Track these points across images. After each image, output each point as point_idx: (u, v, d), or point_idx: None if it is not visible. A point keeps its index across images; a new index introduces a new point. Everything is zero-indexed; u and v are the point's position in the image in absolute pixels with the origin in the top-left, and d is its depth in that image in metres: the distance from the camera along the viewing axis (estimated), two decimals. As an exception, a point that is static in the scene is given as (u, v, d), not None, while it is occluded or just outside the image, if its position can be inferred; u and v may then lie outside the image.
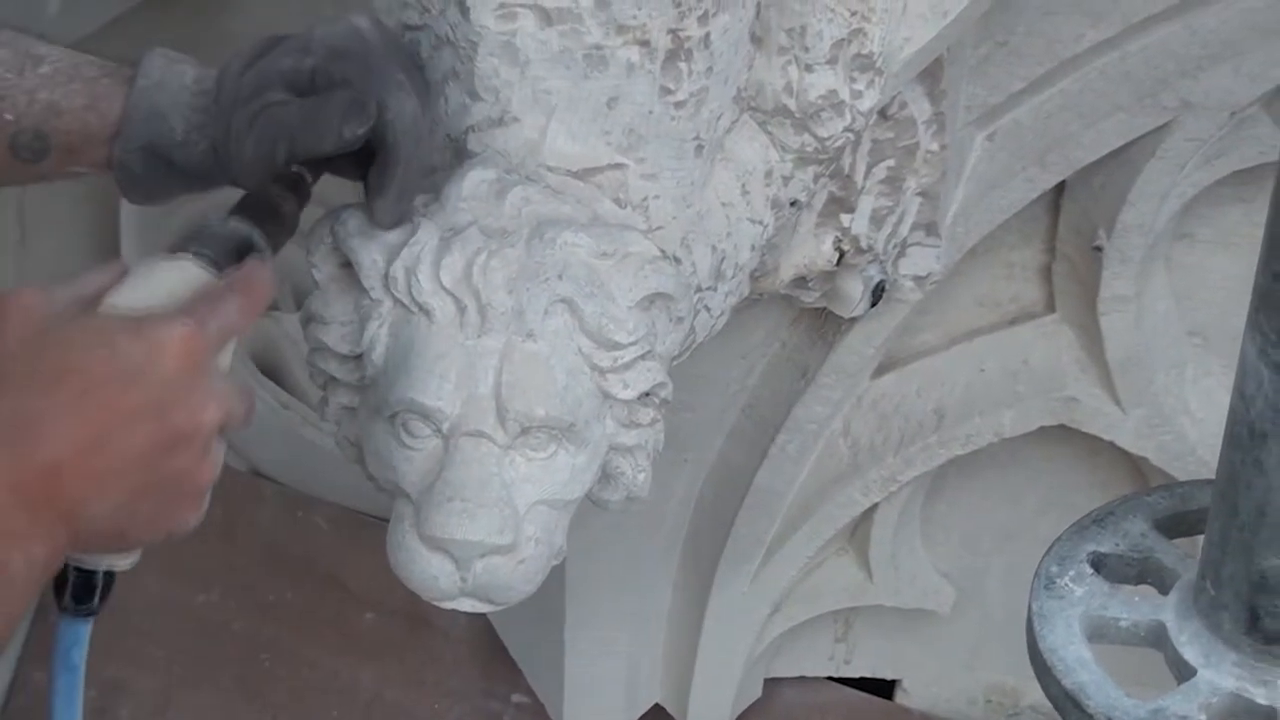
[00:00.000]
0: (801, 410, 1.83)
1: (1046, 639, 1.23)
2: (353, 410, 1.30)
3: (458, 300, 1.21)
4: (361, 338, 1.25)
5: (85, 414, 1.01)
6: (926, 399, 1.92)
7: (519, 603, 1.26)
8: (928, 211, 1.59)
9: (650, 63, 1.28)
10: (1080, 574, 1.27)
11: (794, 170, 1.41)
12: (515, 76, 1.27)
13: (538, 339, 1.21)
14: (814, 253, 1.55)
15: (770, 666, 2.22)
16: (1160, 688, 1.22)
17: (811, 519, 1.98)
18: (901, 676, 2.27)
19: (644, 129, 1.30)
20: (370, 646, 2.35)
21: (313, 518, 2.42)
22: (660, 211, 1.32)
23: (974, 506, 2.11)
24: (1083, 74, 1.61)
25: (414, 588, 1.25)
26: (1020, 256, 1.88)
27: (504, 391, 1.21)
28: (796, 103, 1.37)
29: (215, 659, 2.38)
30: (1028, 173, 1.69)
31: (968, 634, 2.20)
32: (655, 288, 1.24)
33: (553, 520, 1.24)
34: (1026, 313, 1.90)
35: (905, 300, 1.68)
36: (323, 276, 1.27)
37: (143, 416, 1.02)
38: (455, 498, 1.21)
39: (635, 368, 1.25)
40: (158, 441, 1.04)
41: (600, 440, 1.26)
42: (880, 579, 2.10)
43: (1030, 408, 1.90)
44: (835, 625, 2.21)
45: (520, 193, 1.25)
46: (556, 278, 1.21)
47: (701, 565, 2.03)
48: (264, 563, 2.41)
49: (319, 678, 2.35)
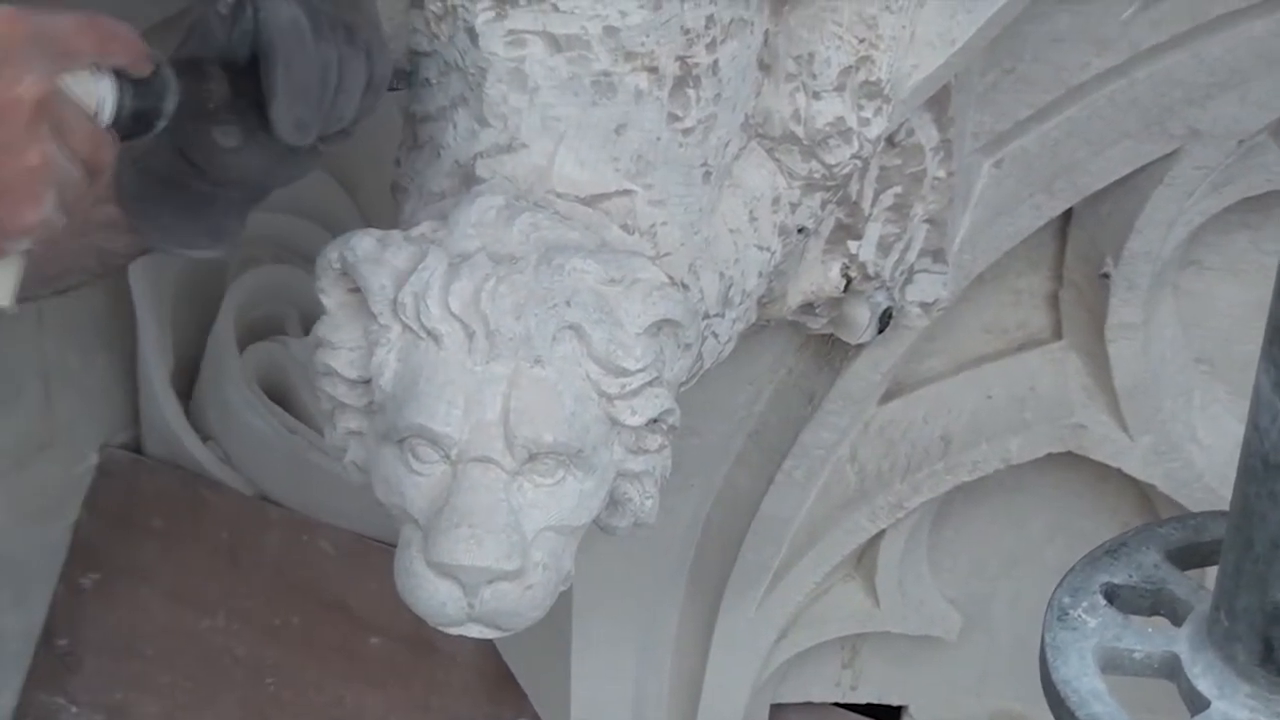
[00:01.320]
0: (808, 436, 1.83)
1: (1060, 670, 1.23)
2: (361, 435, 1.30)
3: (466, 326, 1.21)
4: (370, 363, 1.25)
5: None
6: (934, 425, 1.92)
7: (525, 629, 1.26)
8: (935, 238, 1.60)
9: (658, 90, 1.28)
10: (1093, 605, 1.27)
11: (801, 197, 1.42)
12: (524, 103, 1.27)
13: (546, 365, 1.21)
14: (821, 279, 1.55)
15: (777, 692, 2.22)
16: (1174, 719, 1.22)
17: (818, 545, 1.98)
18: (908, 702, 2.27)
19: (652, 155, 1.30)
20: (376, 671, 2.35)
21: (318, 542, 2.42)
22: (668, 238, 1.33)
23: (981, 533, 2.11)
24: (1090, 101, 1.61)
25: (421, 613, 1.24)
26: (1027, 283, 1.88)
27: (512, 418, 1.21)
28: (804, 130, 1.37)
29: (220, 684, 2.38)
30: (1035, 200, 1.69)
31: (974, 660, 2.20)
32: (663, 314, 1.24)
33: (560, 546, 1.24)
34: (1034, 339, 1.90)
35: (912, 327, 1.68)
36: (331, 302, 1.27)
37: None
38: (463, 524, 1.21)
39: (643, 394, 1.25)
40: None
41: (608, 466, 1.26)
42: (887, 605, 2.10)
43: (1037, 434, 1.90)
44: (842, 651, 2.21)
45: (528, 219, 1.25)
46: (565, 304, 1.21)
47: (708, 590, 2.03)
48: (269, 587, 2.41)
49: (324, 702, 2.35)
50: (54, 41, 1.10)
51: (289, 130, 1.23)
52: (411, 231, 1.27)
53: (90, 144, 1.12)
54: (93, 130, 1.13)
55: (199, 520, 2.46)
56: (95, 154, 1.13)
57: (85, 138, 1.12)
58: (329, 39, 1.23)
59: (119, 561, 2.44)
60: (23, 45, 1.07)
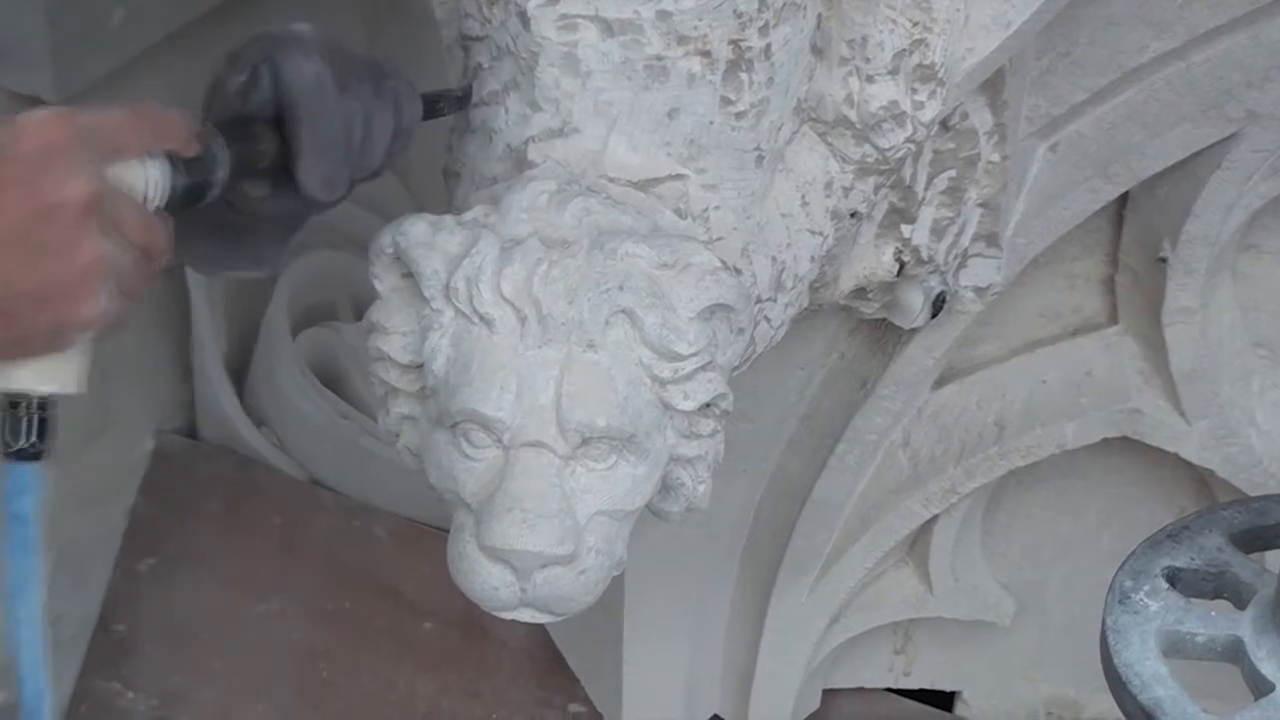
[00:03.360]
0: (861, 421, 1.82)
1: (1122, 654, 1.23)
2: (413, 420, 1.30)
3: (518, 311, 1.21)
4: (423, 348, 1.25)
5: None
6: (987, 410, 1.91)
7: (577, 613, 1.26)
8: (989, 222, 1.59)
9: (711, 73, 1.28)
10: (1155, 588, 1.26)
11: (854, 181, 1.41)
12: (576, 87, 1.27)
13: (598, 350, 1.21)
14: (874, 264, 1.55)
15: (829, 677, 2.22)
16: (1237, 703, 1.21)
17: (871, 530, 1.98)
18: (961, 688, 2.26)
19: (705, 140, 1.30)
20: (428, 656, 2.35)
21: (371, 527, 2.43)
22: (721, 222, 1.32)
23: (1035, 518, 2.10)
24: (1147, 85, 1.60)
25: (474, 598, 1.25)
26: (1082, 268, 1.87)
27: (564, 402, 1.21)
28: (857, 114, 1.37)
29: (274, 669, 2.39)
30: (1090, 184, 1.68)
31: (1028, 645, 2.19)
32: (716, 298, 1.24)
33: (613, 531, 1.24)
34: (1089, 324, 1.89)
35: (966, 311, 1.68)
36: (384, 287, 1.27)
37: (7, 186, 1.06)
38: (516, 508, 1.21)
39: (696, 379, 1.24)
40: (26, 211, 1.07)
41: (661, 451, 1.26)
42: (940, 590, 2.09)
43: (1093, 419, 1.89)
44: (894, 636, 2.20)
45: (581, 203, 1.25)
46: (617, 288, 1.21)
47: (760, 576, 2.03)
48: (322, 573, 2.42)
49: (377, 687, 2.36)
50: (101, 138, 1.11)
51: (317, 188, 1.24)
52: (464, 216, 1.27)
53: (144, 231, 1.13)
54: (145, 218, 1.14)
55: (252, 505, 2.47)
56: (150, 240, 1.14)
57: (138, 226, 1.12)
58: (354, 90, 1.24)
59: (174, 546, 2.46)
60: (69, 146, 1.08)
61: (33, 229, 1.07)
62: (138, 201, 1.13)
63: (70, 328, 1.11)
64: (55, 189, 1.07)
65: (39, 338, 1.11)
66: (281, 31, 1.25)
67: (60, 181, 1.07)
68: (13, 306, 1.08)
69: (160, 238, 1.14)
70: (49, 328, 1.11)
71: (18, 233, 1.07)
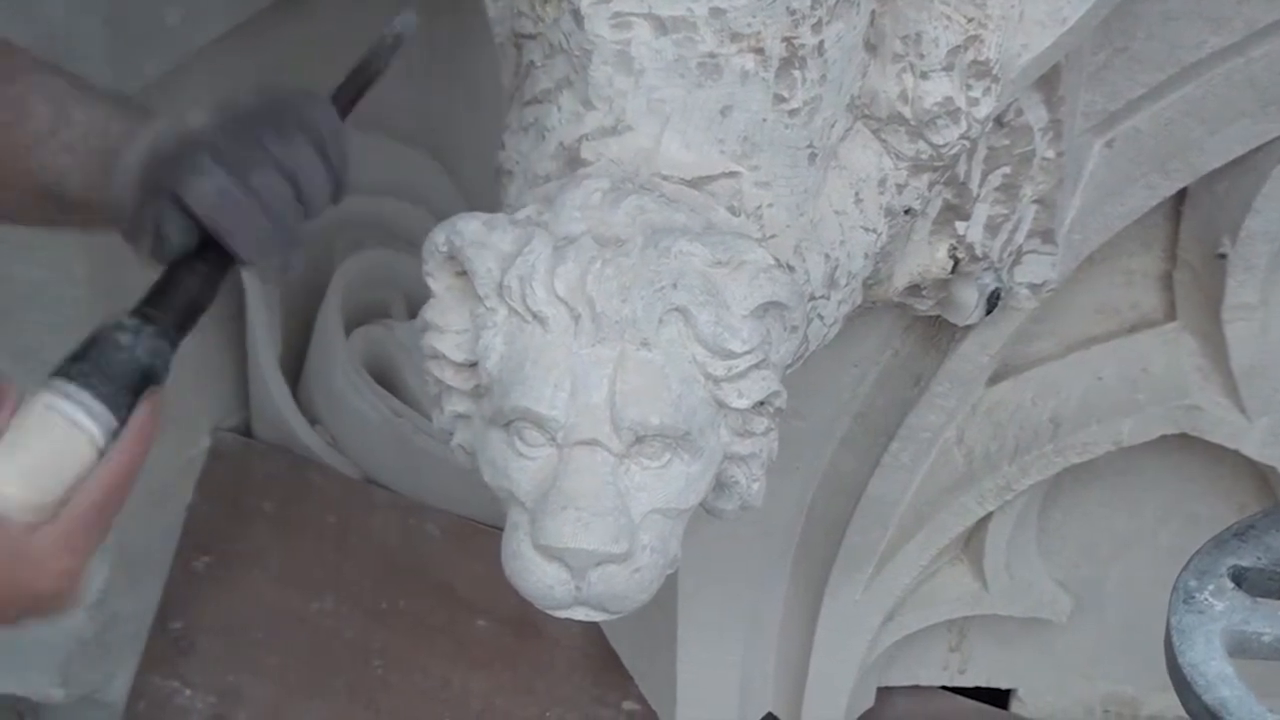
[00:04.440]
0: (915, 418, 1.81)
1: (1186, 654, 1.22)
2: (467, 418, 1.30)
3: (572, 309, 1.21)
4: (476, 346, 1.25)
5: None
6: (1042, 407, 1.90)
7: (631, 612, 1.26)
8: (1044, 219, 1.58)
9: (764, 71, 1.27)
10: (1220, 588, 1.25)
11: (908, 178, 1.40)
12: (629, 85, 1.27)
13: (652, 348, 1.21)
14: (928, 260, 1.54)
15: (884, 675, 2.21)
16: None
17: (925, 528, 1.97)
18: (1017, 686, 2.26)
19: (758, 137, 1.29)
20: (482, 654, 2.36)
21: (425, 525, 2.43)
22: (774, 220, 1.32)
23: (1091, 515, 2.09)
24: (1205, 80, 1.59)
25: (529, 596, 1.25)
26: (1139, 264, 1.86)
27: (618, 400, 1.20)
28: (911, 110, 1.36)
29: (328, 666, 2.40)
30: (1148, 180, 1.67)
31: (1085, 643, 2.18)
32: (770, 296, 1.23)
33: (668, 529, 1.24)
34: (1146, 320, 1.88)
35: (1020, 308, 1.67)
36: (438, 286, 1.27)
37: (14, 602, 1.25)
38: (570, 506, 1.20)
39: (750, 376, 1.24)
40: (22, 608, 1.26)
41: (715, 449, 1.26)
42: (995, 588, 2.09)
43: (1150, 416, 1.88)
44: (949, 634, 2.19)
45: (634, 201, 1.25)
46: (671, 286, 1.21)
47: (814, 573, 2.02)
48: (376, 570, 2.43)
49: (431, 685, 2.37)
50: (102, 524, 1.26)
51: (270, 269, 1.29)
52: (517, 215, 1.27)
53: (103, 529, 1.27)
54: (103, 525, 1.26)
55: (307, 504, 2.48)
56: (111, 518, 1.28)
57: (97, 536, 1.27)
58: (262, 159, 1.26)
59: (230, 544, 2.47)
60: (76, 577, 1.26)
61: (20, 611, 1.26)
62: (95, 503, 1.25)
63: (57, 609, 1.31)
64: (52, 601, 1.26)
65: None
66: (167, 150, 1.28)
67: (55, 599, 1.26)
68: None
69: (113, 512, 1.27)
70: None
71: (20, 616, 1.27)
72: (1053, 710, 2.24)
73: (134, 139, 1.33)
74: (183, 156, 1.27)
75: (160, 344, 1.27)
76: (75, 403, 1.23)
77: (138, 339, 1.25)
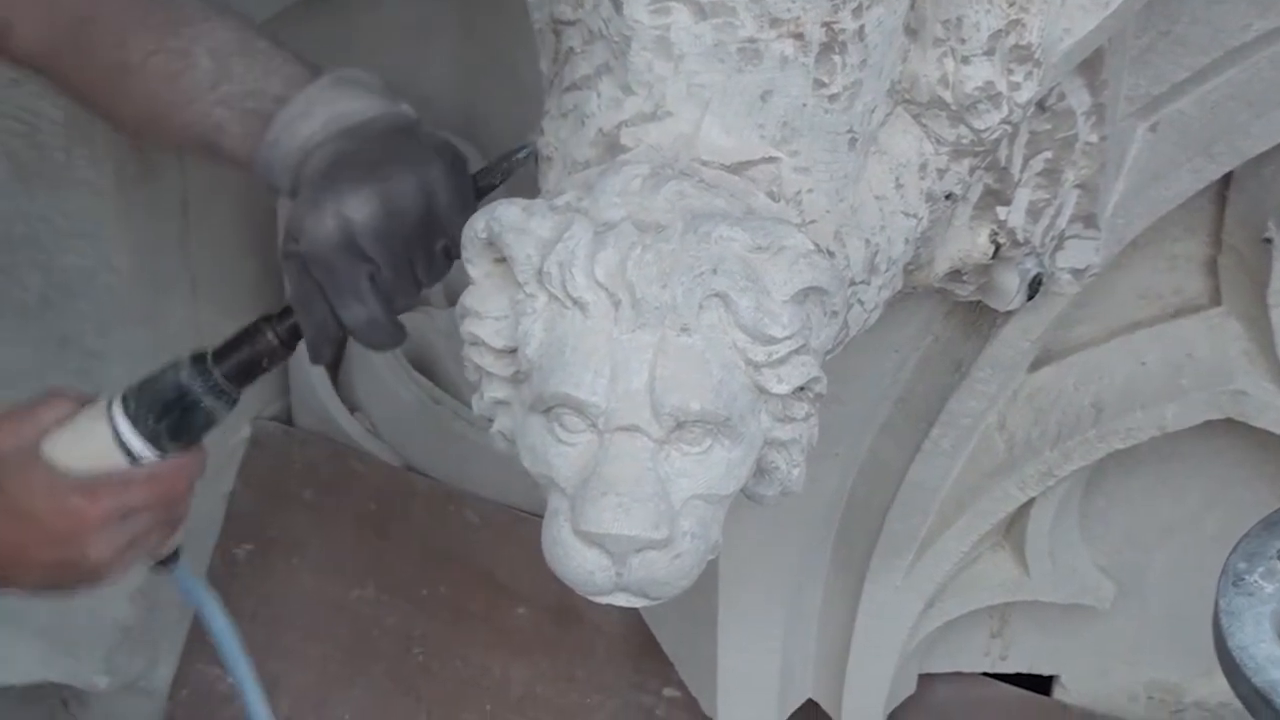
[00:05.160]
0: (956, 404, 1.81)
1: (1235, 636, 1.21)
2: (507, 404, 1.30)
3: (612, 295, 1.21)
4: (516, 332, 1.25)
5: (8, 527, 1.41)
6: (1084, 393, 1.89)
7: (672, 598, 1.26)
8: (1086, 204, 1.57)
9: (804, 56, 1.27)
10: (1270, 570, 1.24)
11: (949, 163, 1.40)
12: (669, 71, 1.27)
13: (692, 333, 1.21)
14: (969, 246, 1.53)
15: (924, 662, 2.21)
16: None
17: (966, 514, 1.96)
18: (1059, 672, 2.25)
19: (798, 122, 1.29)
20: (522, 641, 2.36)
21: (465, 513, 2.43)
22: (814, 205, 1.31)
23: (1135, 501, 2.08)
24: (1251, 63, 1.57)
25: (569, 583, 1.25)
26: (1184, 248, 1.85)
27: (658, 386, 1.20)
28: (952, 95, 1.35)
29: (369, 654, 2.40)
30: (1193, 164, 1.66)
31: (1128, 629, 2.17)
32: (810, 281, 1.23)
33: (708, 515, 1.24)
34: (1190, 305, 1.87)
35: (1063, 293, 1.66)
36: (477, 272, 1.27)
37: (40, 543, 1.41)
38: (610, 492, 1.20)
39: (790, 362, 1.24)
40: (53, 560, 1.42)
41: (755, 435, 1.25)
42: (1037, 574, 2.08)
43: (1195, 401, 1.87)
44: (991, 620, 2.19)
45: (674, 187, 1.24)
46: (711, 272, 1.20)
47: (854, 560, 2.02)
48: (417, 558, 2.43)
49: (471, 672, 2.37)
50: (126, 508, 1.43)
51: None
52: (556, 200, 1.27)
53: (158, 516, 1.47)
54: (152, 509, 1.46)
55: (347, 491, 2.48)
56: (165, 516, 1.48)
57: (151, 524, 1.46)
58: (414, 292, 1.41)
59: (271, 532, 2.48)
60: (93, 525, 1.42)
61: (59, 574, 1.44)
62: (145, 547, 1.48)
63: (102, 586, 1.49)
64: (78, 553, 1.42)
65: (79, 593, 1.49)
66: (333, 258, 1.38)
67: (82, 551, 1.41)
68: (51, 590, 1.48)
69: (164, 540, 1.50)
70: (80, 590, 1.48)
71: (48, 573, 1.44)
72: (1096, 697, 2.24)
73: (292, 108, 1.41)
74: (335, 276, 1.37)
75: (218, 403, 1.43)
76: (126, 425, 1.43)
77: (201, 387, 1.43)
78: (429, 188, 1.37)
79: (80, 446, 1.44)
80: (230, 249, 2.40)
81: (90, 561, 1.43)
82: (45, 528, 1.41)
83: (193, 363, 1.44)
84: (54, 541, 1.41)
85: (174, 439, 1.44)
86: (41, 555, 1.42)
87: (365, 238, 1.36)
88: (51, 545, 1.42)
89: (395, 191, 1.36)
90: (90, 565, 1.43)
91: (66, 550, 1.42)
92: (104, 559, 1.43)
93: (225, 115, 1.42)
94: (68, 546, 1.42)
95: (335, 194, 1.35)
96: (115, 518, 1.42)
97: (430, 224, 1.38)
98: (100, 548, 1.42)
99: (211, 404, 1.44)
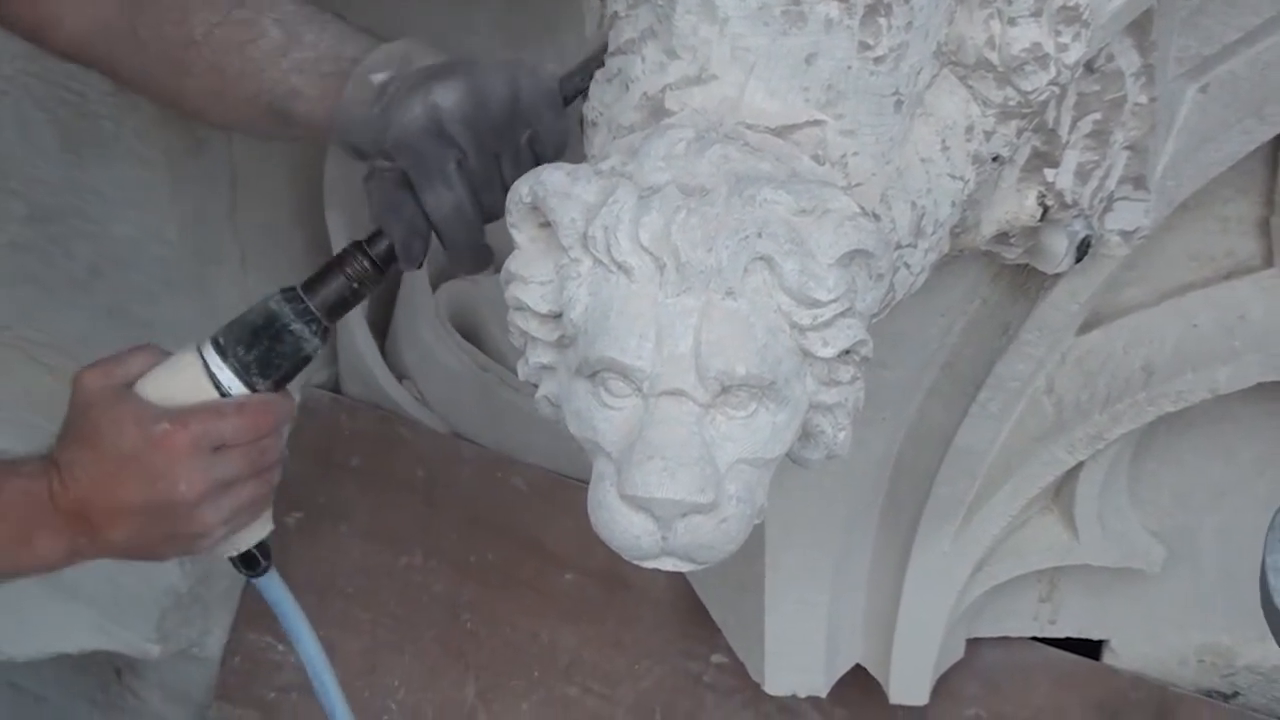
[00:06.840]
0: (1003, 368, 1.80)
1: (1281, 593, 1.21)
2: (552, 369, 1.30)
3: (656, 259, 1.20)
4: (561, 297, 1.25)
5: (101, 469, 1.40)
6: (1134, 355, 1.88)
7: (719, 563, 1.26)
8: (1136, 165, 1.56)
9: (849, 18, 1.26)
10: (1318, 528, 1.24)
11: (996, 125, 1.39)
12: (714, 34, 1.26)
13: (737, 297, 1.20)
14: (1017, 208, 1.52)
15: (973, 626, 2.20)
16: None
17: (1014, 478, 1.96)
18: (1109, 636, 2.24)
19: (843, 85, 1.28)
20: (569, 607, 2.37)
21: (512, 479, 2.44)
22: (859, 168, 1.31)
23: (1185, 464, 2.07)
24: (1304, 23, 1.56)
25: (615, 547, 1.25)
26: (1235, 210, 1.83)
27: (704, 350, 1.20)
28: (999, 56, 1.34)
29: (418, 621, 2.41)
30: (1244, 125, 1.64)
31: (1179, 593, 2.16)
32: (855, 244, 1.22)
33: (754, 479, 1.24)
34: (1242, 267, 1.85)
35: (1112, 255, 1.64)
36: (522, 237, 1.27)
37: (132, 480, 1.40)
38: (656, 456, 1.20)
39: (835, 325, 1.23)
40: (145, 501, 1.41)
41: (800, 398, 1.25)
42: (1086, 538, 2.07)
43: (1248, 363, 1.85)
44: (1039, 585, 2.18)
45: (719, 150, 1.24)
46: (756, 235, 1.20)
47: (901, 524, 2.01)
48: (464, 525, 2.44)
49: (519, 638, 2.38)
50: (213, 437, 1.42)
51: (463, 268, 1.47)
52: (601, 165, 1.27)
53: (251, 463, 1.46)
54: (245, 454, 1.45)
55: (395, 459, 2.49)
56: (257, 462, 1.47)
57: (244, 463, 1.45)
58: (498, 188, 1.39)
59: (320, 500, 2.49)
60: (183, 453, 1.41)
61: (151, 517, 1.42)
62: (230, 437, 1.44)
63: (184, 555, 1.50)
64: (167, 490, 1.40)
65: (164, 559, 1.49)
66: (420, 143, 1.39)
67: (172, 484, 1.40)
68: (142, 550, 1.46)
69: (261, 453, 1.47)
70: (169, 557, 1.49)
71: (139, 514, 1.42)
72: (1146, 661, 2.23)
73: (370, 61, 1.42)
74: (424, 157, 1.38)
75: (306, 329, 1.45)
76: (216, 358, 1.45)
77: (291, 312, 1.45)
78: (515, 82, 1.39)
79: (171, 383, 1.44)
80: (279, 221, 2.41)
81: (182, 498, 1.40)
82: (136, 462, 1.39)
83: (282, 292, 1.45)
84: (145, 477, 1.39)
85: (264, 374, 1.46)
86: (132, 495, 1.40)
87: (453, 123, 1.36)
88: (142, 482, 1.39)
89: (482, 81, 1.38)
90: (184, 506, 1.40)
91: (157, 487, 1.39)
92: (196, 495, 1.40)
93: (300, 80, 1.44)
94: (159, 482, 1.39)
95: (424, 88, 1.37)
96: (206, 448, 1.41)
97: (516, 114, 1.38)
98: (192, 482, 1.40)
99: (300, 330, 1.44)
